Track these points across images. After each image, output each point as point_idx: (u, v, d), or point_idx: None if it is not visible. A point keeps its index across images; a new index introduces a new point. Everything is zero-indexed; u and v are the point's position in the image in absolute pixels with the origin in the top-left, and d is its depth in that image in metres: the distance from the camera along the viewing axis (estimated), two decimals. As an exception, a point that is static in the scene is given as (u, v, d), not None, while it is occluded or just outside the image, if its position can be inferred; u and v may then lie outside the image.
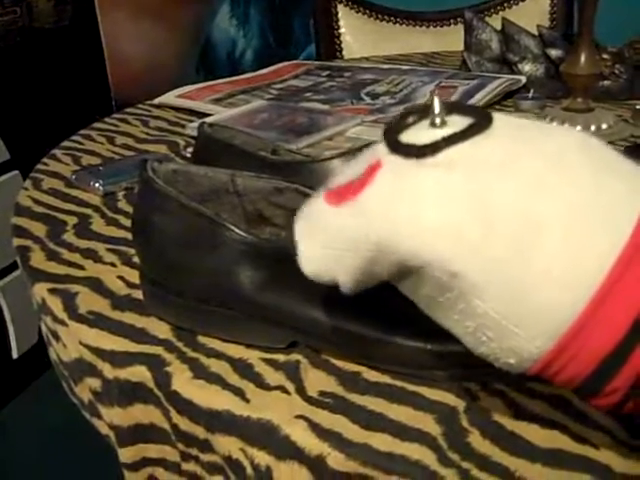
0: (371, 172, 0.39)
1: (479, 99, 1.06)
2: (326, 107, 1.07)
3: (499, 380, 0.48)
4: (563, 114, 0.95)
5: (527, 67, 1.20)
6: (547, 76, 1.16)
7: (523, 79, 1.15)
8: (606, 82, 1.10)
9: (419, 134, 0.39)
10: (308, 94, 1.15)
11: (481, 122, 0.38)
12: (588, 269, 0.36)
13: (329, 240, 0.40)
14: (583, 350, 0.36)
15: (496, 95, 1.09)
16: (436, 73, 1.21)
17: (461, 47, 1.29)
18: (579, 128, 0.93)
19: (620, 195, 0.37)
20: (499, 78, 1.13)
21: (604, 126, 0.94)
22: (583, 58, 0.93)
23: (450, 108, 0.39)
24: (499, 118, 0.39)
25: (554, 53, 1.17)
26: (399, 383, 0.49)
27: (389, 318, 0.49)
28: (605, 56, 1.13)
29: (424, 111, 0.40)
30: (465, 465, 0.42)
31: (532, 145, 0.38)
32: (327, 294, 0.51)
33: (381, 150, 0.40)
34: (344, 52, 1.71)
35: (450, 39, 1.46)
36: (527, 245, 0.36)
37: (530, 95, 1.08)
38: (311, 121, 0.98)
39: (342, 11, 1.71)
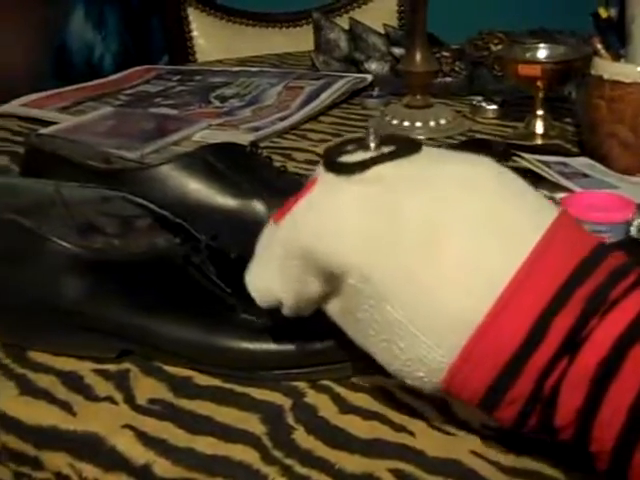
0: (307, 188, 0.42)
1: (324, 98, 1.08)
2: (174, 112, 1.07)
3: (326, 377, 0.49)
4: (403, 111, 0.98)
5: (373, 65, 1.23)
6: (392, 74, 1.19)
7: (369, 77, 1.17)
8: (447, 79, 1.14)
9: (353, 157, 0.42)
10: (158, 99, 1.14)
11: (408, 147, 0.41)
12: (490, 277, 0.37)
13: (269, 257, 0.43)
14: (485, 358, 0.37)
15: (342, 94, 1.11)
16: (285, 74, 1.22)
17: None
18: (419, 124, 0.96)
19: (522, 213, 0.40)
20: (345, 77, 1.15)
21: (442, 121, 0.97)
22: (418, 56, 0.96)
23: (386, 139, 0.42)
24: (428, 149, 0.42)
25: (397, 51, 1.21)
26: (229, 385, 0.49)
27: (215, 322, 0.50)
28: (445, 54, 1.17)
29: (363, 141, 0.42)
30: (288, 461, 0.43)
31: (448, 168, 0.41)
32: (152, 303, 0.51)
33: (319, 169, 0.43)
34: (197, 55, 1.69)
35: (302, 39, 1.48)
36: (432, 252, 0.38)
37: (375, 93, 1.11)
38: (157, 127, 0.98)
39: (193, 14, 1.69)
